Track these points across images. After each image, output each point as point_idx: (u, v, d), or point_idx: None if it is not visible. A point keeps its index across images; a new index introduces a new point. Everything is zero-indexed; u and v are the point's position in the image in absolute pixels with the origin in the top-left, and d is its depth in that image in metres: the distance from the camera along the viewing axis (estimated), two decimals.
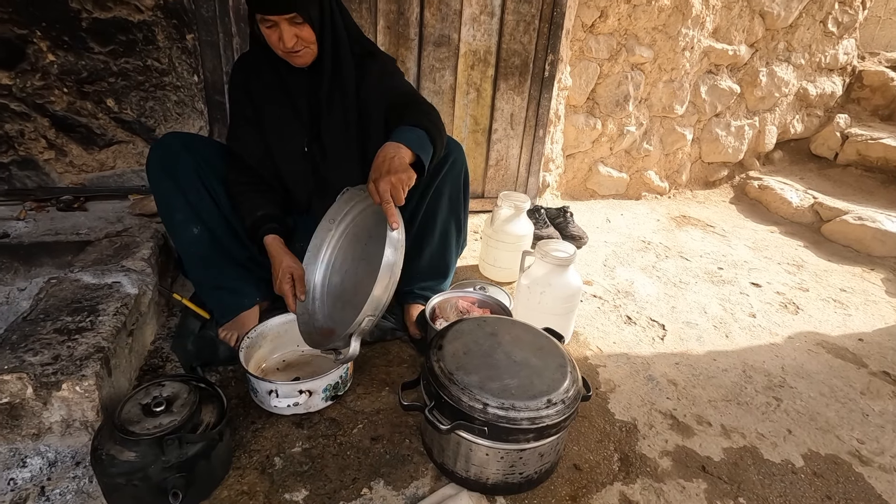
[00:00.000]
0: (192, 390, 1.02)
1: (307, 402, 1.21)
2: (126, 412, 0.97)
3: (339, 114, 1.37)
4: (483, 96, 2.29)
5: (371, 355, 1.47)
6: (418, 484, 1.10)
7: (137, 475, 0.91)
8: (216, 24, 1.78)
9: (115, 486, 0.92)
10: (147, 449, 0.92)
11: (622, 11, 2.45)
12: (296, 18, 1.18)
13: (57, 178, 1.88)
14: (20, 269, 1.60)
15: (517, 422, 0.97)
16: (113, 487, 0.93)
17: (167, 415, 0.96)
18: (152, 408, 0.97)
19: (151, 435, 0.92)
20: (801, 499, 1.15)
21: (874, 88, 3.23)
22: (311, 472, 1.11)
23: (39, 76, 1.73)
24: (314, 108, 1.36)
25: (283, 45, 1.21)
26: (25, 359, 1.06)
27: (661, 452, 1.24)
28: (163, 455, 0.93)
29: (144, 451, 0.92)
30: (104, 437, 0.95)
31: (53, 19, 1.67)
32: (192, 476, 0.95)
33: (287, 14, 1.16)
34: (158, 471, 0.92)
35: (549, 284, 1.48)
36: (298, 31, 1.20)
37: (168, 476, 0.93)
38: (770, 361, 1.64)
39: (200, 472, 0.98)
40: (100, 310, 1.24)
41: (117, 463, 0.91)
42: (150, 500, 0.94)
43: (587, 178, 2.88)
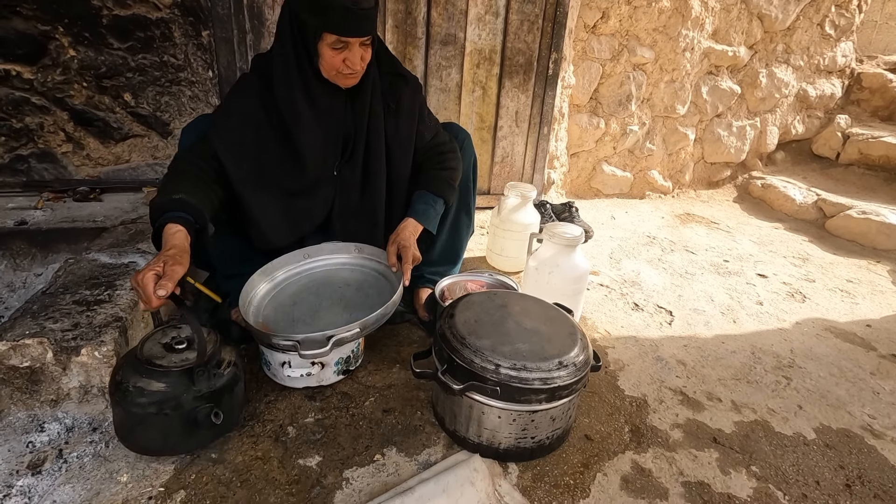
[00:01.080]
0: (211, 331, 1.08)
1: (319, 373, 1.22)
2: (148, 349, 1.00)
3: (374, 137, 1.34)
4: (488, 94, 2.34)
5: (381, 336, 1.49)
6: (430, 451, 1.10)
7: (169, 404, 0.95)
8: (231, 21, 1.85)
9: (143, 418, 0.95)
10: (177, 380, 0.96)
11: (623, 13, 2.52)
12: (366, 41, 1.18)
13: (74, 170, 1.93)
14: (37, 255, 1.63)
15: (529, 382, 0.99)
16: (141, 419, 0.95)
17: (191, 351, 1.01)
18: (174, 345, 1.01)
19: (181, 367, 0.97)
20: (813, 468, 1.15)
21: (873, 90, 3.28)
22: (324, 440, 1.11)
23: (60, 71, 1.79)
24: (349, 129, 1.31)
25: (349, 67, 1.18)
26: (46, 326, 1.08)
27: (672, 425, 1.25)
28: (193, 385, 0.97)
29: (174, 381, 0.96)
30: (127, 371, 0.97)
31: (75, 16, 1.73)
32: (218, 409, 0.99)
33: (365, 37, 1.16)
34: (190, 399, 0.97)
35: (556, 265, 1.50)
36: (364, 53, 1.19)
37: (198, 405, 0.97)
38: (778, 345, 1.64)
39: (225, 405, 1.02)
40: (117, 285, 1.27)
41: (147, 393, 0.94)
42: (177, 431, 0.98)
43: (591, 177, 2.92)
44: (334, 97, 1.26)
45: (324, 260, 1.45)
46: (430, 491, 0.95)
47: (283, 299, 1.35)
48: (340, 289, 1.39)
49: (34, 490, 0.94)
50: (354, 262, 1.46)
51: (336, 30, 1.13)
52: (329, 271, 1.44)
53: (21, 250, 1.61)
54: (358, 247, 1.45)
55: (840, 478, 1.13)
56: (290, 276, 1.41)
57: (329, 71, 1.20)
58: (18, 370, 1.03)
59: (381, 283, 1.39)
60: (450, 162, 1.43)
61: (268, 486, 1.00)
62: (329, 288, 1.39)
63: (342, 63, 1.18)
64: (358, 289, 1.39)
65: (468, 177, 1.56)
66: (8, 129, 1.81)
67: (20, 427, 1.05)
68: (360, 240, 1.44)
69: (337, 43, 1.15)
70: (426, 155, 1.44)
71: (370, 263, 1.45)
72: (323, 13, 1.12)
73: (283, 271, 1.40)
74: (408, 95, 1.38)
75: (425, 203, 1.38)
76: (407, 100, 1.37)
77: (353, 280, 1.42)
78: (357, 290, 1.38)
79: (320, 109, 1.25)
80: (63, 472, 0.98)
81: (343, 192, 1.37)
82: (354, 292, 1.37)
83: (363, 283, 1.40)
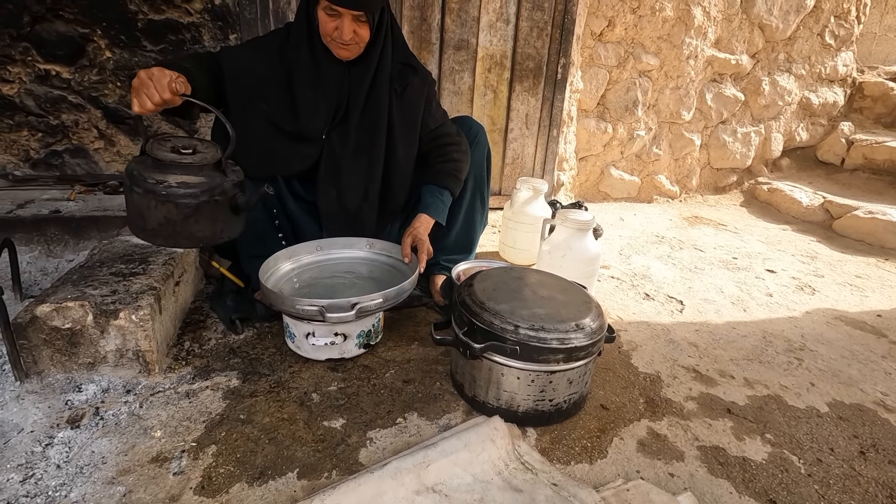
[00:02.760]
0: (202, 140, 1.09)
1: (342, 345, 1.26)
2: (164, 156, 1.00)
3: (371, 113, 1.41)
4: (499, 97, 2.43)
5: (399, 318, 1.53)
6: (450, 416, 1.14)
7: (216, 191, 1.02)
8: (257, 25, 1.95)
9: (197, 207, 1.01)
10: (212, 171, 1.03)
11: (628, 21, 2.62)
12: (360, 17, 1.24)
13: (104, 166, 2.02)
14: (70, 242, 1.71)
15: (547, 342, 1.02)
16: (192, 210, 1.01)
17: (201, 154, 1.04)
18: (181, 150, 1.03)
19: (208, 163, 1.02)
20: (827, 437, 1.17)
21: (875, 98, 3.35)
22: (347, 405, 1.15)
23: (96, 71, 1.89)
24: (342, 99, 1.38)
25: (339, 36, 1.25)
26: (86, 291, 1.14)
27: (686, 398, 1.27)
28: (226, 175, 1.05)
29: (210, 174, 1.03)
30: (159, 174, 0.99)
31: (113, 20, 1.84)
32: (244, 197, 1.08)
33: (355, 10, 1.22)
34: (231, 186, 1.05)
35: (569, 248, 1.55)
36: (358, 28, 1.26)
37: (236, 192, 1.06)
38: (789, 330, 1.67)
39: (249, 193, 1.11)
40: (150, 260, 1.33)
41: (194, 184, 1.00)
42: (222, 219, 1.06)
43: (599, 181, 2.98)
44: (334, 65, 1.35)
45: (336, 253, 1.52)
46: (453, 445, 0.98)
47: (302, 280, 1.42)
48: (355, 277, 1.46)
49: (74, 441, 0.98)
50: (367, 256, 1.53)
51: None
52: (342, 263, 1.51)
53: (55, 236, 1.68)
54: (370, 242, 1.53)
55: (854, 446, 1.15)
56: (307, 263, 1.48)
57: (324, 37, 1.29)
58: (60, 331, 1.09)
59: (393, 273, 1.46)
60: (453, 154, 1.49)
61: (295, 443, 1.03)
62: (344, 277, 1.46)
63: (333, 30, 1.26)
64: (370, 278, 1.46)
65: (482, 167, 1.62)
66: (45, 126, 1.91)
67: (59, 388, 1.10)
68: (348, 211, 1.49)
69: (329, 9, 1.23)
70: (431, 146, 1.51)
71: (381, 258, 1.52)
72: None
73: (300, 257, 1.47)
74: (416, 85, 1.45)
75: (433, 196, 1.46)
76: (414, 89, 1.45)
77: (366, 272, 1.49)
78: (369, 279, 1.46)
79: (319, 71, 1.34)
80: (100, 427, 1.02)
81: (330, 157, 1.42)
82: (367, 280, 1.45)
83: (376, 274, 1.48)
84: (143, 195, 1.00)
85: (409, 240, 1.40)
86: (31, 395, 1.08)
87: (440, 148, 1.51)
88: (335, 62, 1.35)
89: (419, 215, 1.44)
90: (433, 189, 1.47)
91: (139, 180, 1.00)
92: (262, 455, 1.00)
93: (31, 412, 1.04)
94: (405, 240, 1.40)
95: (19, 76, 1.84)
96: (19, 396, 1.07)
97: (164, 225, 1.01)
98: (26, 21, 1.78)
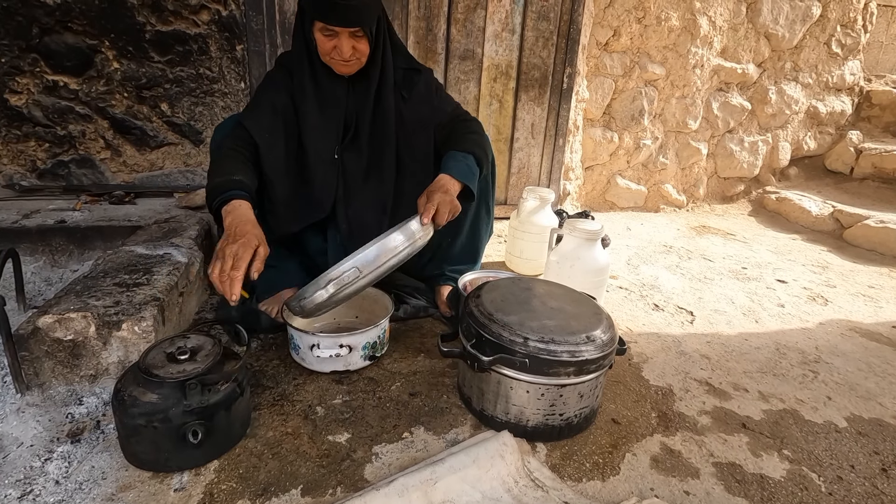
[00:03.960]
0: (216, 343, 1.03)
1: (347, 357, 1.24)
2: (151, 358, 0.97)
3: (380, 126, 1.39)
4: (505, 107, 2.43)
5: (405, 329, 1.51)
6: (458, 431, 1.11)
7: (158, 416, 0.91)
8: (264, 36, 1.96)
9: (134, 429, 0.92)
10: (170, 391, 0.92)
11: (634, 31, 2.62)
12: (357, 32, 1.23)
13: (110, 176, 2.02)
14: (74, 252, 1.70)
15: (557, 354, 1.00)
16: (132, 430, 0.92)
17: (191, 362, 0.97)
18: (177, 356, 0.97)
19: (175, 378, 0.93)
20: (847, 453, 1.13)
21: (883, 107, 3.32)
22: (352, 419, 1.13)
23: (104, 82, 1.90)
24: (349, 116, 1.38)
25: (339, 55, 1.25)
26: (89, 302, 1.13)
27: (700, 412, 1.24)
28: (185, 399, 0.92)
29: (167, 393, 0.92)
30: (128, 380, 0.95)
31: (121, 31, 1.86)
32: (211, 425, 0.94)
33: (351, 28, 1.22)
34: (179, 414, 0.92)
35: (578, 258, 1.52)
36: (356, 44, 1.25)
37: (188, 421, 0.92)
38: (803, 342, 1.63)
39: (220, 423, 0.96)
40: (154, 271, 1.32)
41: (139, 404, 0.91)
42: (167, 447, 0.93)
43: (606, 190, 2.96)
44: (336, 83, 1.34)
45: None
46: (461, 461, 0.96)
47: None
48: None
49: (73, 456, 0.96)
50: None
51: (322, 18, 1.20)
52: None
53: (60, 246, 1.68)
54: None
55: (875, 462, 1.11)
56: None
57: (323, 56, 1.28)
58: (62, 343, 1.07)
59: None
60: (473, 126, 1.43)
61: (299, 459, 1.01)
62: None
63: (332, 49, 1.25)
64: None
65: (487, 175, 1.60)
66: (52, 136, 1.92)
67: (60, 400, 1.09)
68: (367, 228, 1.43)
69: (325, 30, 1.23)
70: (449, 126, 1.44)
71: None
72: (313, 1, 1.21)
73: None
74: (421, 83, 1.43)
75: (455, 160, 1.32)
76: (420, 87, 1.43)
77: None
78: None
79: (322, 91, 1.33)
80: (101, 441, 1.00)
81: (346, 177, 1.41)
82: None
83: None
84: (112, 394, 0.96)
85: (424, 197, 1.25)
86: (32, 408, 1.06)
87: (460, 123, 1.44)
88: (337, 79, 1.34)
89: (439, 176, 1.30)
90: (456, 154, 1.34)
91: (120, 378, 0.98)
92: (266, 471, 0.97)
93: (31, 425, 1.02)
94: (420, 199, 1.25)
95: (27, 87, 1.85)
96: (20, 409, 1.05)
97: (118, 434, 0.97)
98: (35, 33, 1.79)
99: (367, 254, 1.13)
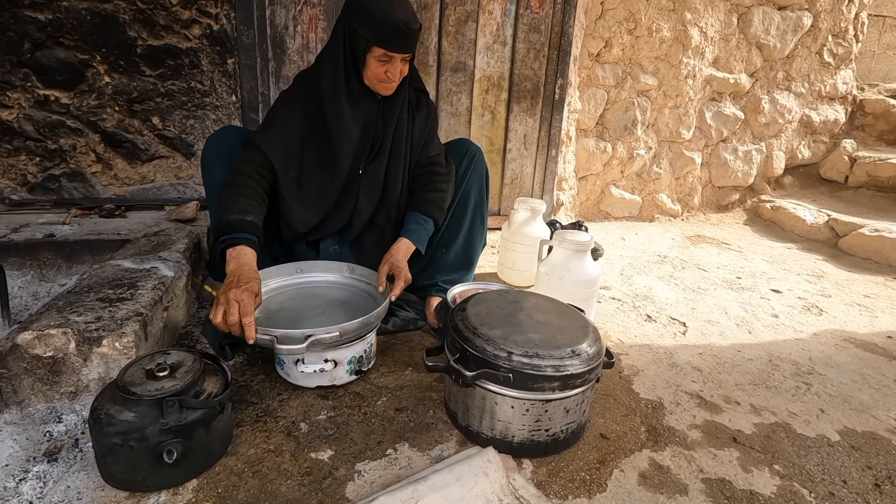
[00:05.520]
0: (196, 360, 1.01)
1: (332, 372, 1.23)
2: (129, 375, 0.95)
3: (397, 142, 1.47)
4: (497, 118, 2.43)
5: (394, 342, 1.50)
6: (443, 447, 1.09)
7: (134, 435, 0.88)
8: (255, 49, 1.97)
9: (110, 448, 0.89)
10: (146, 410, 0.90)
11: (625, 42, 2.63)
12: (407, 57, 1.34)
13: (101, 189, 2.02)
14: (62, 266, 1.69)
15: (541, 368, 0.99)
16: (108, 449, 0.89)
17: (170, 379, 0.95)
18: (156, 372, 0.95)
19: (152, 396, 0.90)
20: (839, 468, 1.11)
21: (877, 115, 3.33)
22: (336, 435, 1.11)
23: (95, 96, 1.91)
24: (377, 133, 1.44)
25: (390, 77, 1.33)
26: (70, 318, 1.12)
27: (690, 426, 1.22)
28: (162, 417, 0.90)
29: (143, 411, 0.90)
30: (106, 398, 0.93)
31: (113, 46, 1.87)
32: (189, 444, 0.92)
33: (408, 54, 1.32)
34: (156, 433, 0.89)
35: (567, 270, 1.51)
36: (403, 68, 1.35)
37: (165, 440, 0.90)
38: (796, 353, 1.62)
39: (198, 441, 0.94)
40: (139, 286, 1.31)
41: (115, 422, 0.89)
42: (144, 467, 0.90)
43: (600, 200, 2.96)
44: (371, 102, 1.40)
45: (315, 276, 1.49)
46: (444, 479, 0.94)
47: (270, 305, 1.37)
48: (326, 303, 1.41)
49: (49, 475, 0.94)
50: (345, 282, 1.50)
51: (385, 45, 1.27)
52: (318, 287, 1.47)
53: (48, 261, 1.67)
54: (350, 267, 1.49)
55: (868, 478, 1.09)
56: (279, 287, 1.44)
57: (371, 79, 1.34)
58: (41, 360, 1.06)
59: (368, 303, 1.40)
60: (441, 184, 1.50)
61: (279, 477, 0.99)
62: (315, 301, 1.41)
63: (384, 74, 1.33)
64: (343, 303, 1.41)
65: (481, 186, 1.61)
66: (43, 150, 1.92)
67: (39, 418, 1.07)
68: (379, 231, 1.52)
69: (384, 56, 1.29)
70: (421, 171, 1.52)
71: (360, 284, 1.48)
72: (376, 29, 1.26)
73: (275, 281, 1.44)
74: (424, 111, 1.51)
75: (417, 223, 1.46)
76: (423, 114, 1.51)
77: (340, 297, 1.44)
78: (342, 305, 1.40)
79: (358, 110, 1.38)
80: (78, 460, 0.99)
81: (367, 189, 1.47)
82: (339, 307, 1.39)
83: (350, 301, 1.42)
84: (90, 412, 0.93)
85: (387, 267, 1.37)
86: (10, 427, 1.04)
87: (430, 175, 1.51)
88: (371, 98, 1.40)
89: (400, 240, 1.43)
90: (418, 217, 1.47)
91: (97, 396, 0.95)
92: (245, 490, 0.95)
93: (7, 444, 1.00)
94: (382, 267, 1.38)
95: (18, 102, 1.86)
96: None
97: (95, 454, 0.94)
98: (27, 48, 1.80)
99: (349, 324, 1.16)
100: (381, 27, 1.25)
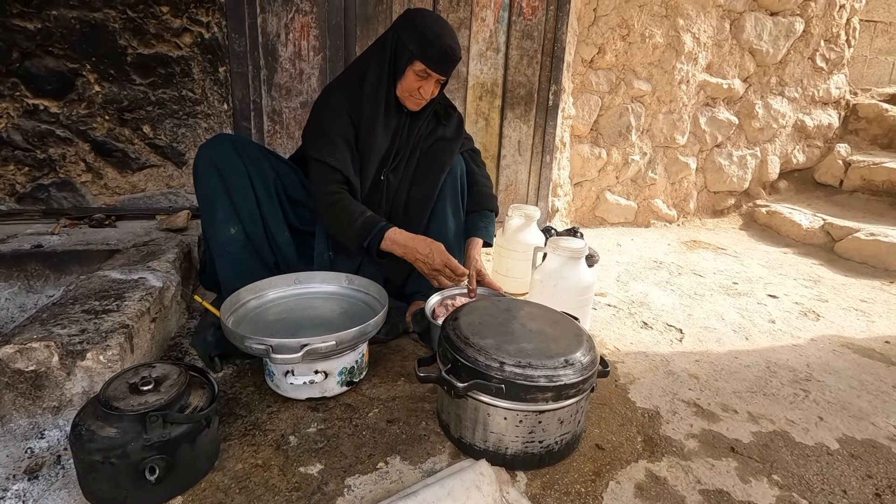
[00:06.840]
0: (181, 373, 0.98)
1: (322, 383, 1.21)
2: (112, 389, 0.92)
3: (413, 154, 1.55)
4: (491, 125, 2.42)
5: (386, 352, 1.48)
6: (435, 460, 1.07)
7: (116, 452, 0.85)
8: (247, 57, 1.96)
9: (91, 465, 0.86)
10: (129, 425, 0.87)
11: (619, 48, 2.63)
12: (441, 79, 1.42)
13: (91, 199, 2.00)
14: (50, 277, 1.67)
15: (534, 379, 0.97)
16: (89, 466, 0.86)
17: (154, 393, 0.92)
18: (139, 386, 0.93)
19: (135, 411, 0.88)
20: (839, 477, 1.09)
21: (870, 119, 3.34)
22: (326, 448, 1.09)
23: (85, 105, 1.89)
24: (402, 144, 1.53)
25: (422, 93, 1.41)
26: (53, 331, 1.09)
27: (687, 435, 1.20)
28: (145, 433, 0.87)
29: (126, 427, 0.87)
30: (87, 413, 0.91)
31: (103, 54, 1.86)
32: (173, 461, 0.90)
33: (442, 77, 1.41)
34: (138, 449, 0.86)
35: (562, 277, 1.50)
36: (435, 89, 1.44)
37: (148, 456, 0.87)
38: (794, 359, 1.60)
39: (183, 457, 0.91)
40: (126, 297, 1.29)
41: (96, 438, 0.86)
42: (126, 484, 0.87)
43: (595, 206, 2.95)
44: (399, 115, 1.49)
45: (314, 287, 1.47)
46: (435, 494, 0.92)
47: (267, 316, 1.36)
48: (324, 314, 1.39)
49: (29, 494, 0.92)
50: (343, 293, 1.48)
51: (427, 62, 1.35)
52: (317, 298, 1.45)
53: (35, 272, 1.65)
54: (349, 278, 1.48)
55: (868, 487, 1.07)
56: (277, 298, 1.42)
57: (403, 91, 1.42)
58: (23, 374, 1.04)
59: (365, 313, 1.39)
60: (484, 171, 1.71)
61: (267, 493, 0.96)
62: (313, 312, 1.40)
63: (417, 90, 1.40)
64: (341, 314, 1.39)
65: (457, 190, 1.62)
66: (32, 160, 1.90)
67: (21, 434, 1.04)
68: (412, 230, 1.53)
69: (423, 72, 1.37)
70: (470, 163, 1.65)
71: (359, 294, 1.46)
72: (425, 46, 1.34)
73: (273, 292, 1.42)
74: (455, 117, 1.61)
75: (483, 219, 1.63)
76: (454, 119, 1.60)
77: (338, 308, 1.42)
78: (340, 316, 1.39)
79: (389, 121, 1.47)
80: (60, 477, 0.96)
81: (389, 196, 1.55)
82: (337, 317, 1.38)
83: (347, 312, 1.41)
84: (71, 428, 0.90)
85: (474, 272, 1.52)
86: None
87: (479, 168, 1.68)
88: (400, 112, 1.49)
89: (475, 241, 1.60)
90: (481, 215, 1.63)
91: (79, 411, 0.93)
92: None
93: None
94: (471, 272, 1.50)
95: (7, 111, 1.84)
96: None
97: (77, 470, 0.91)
98: (15, 57, 1.79)
99: (346, 333, 1.15)
100: (430, 46, 1.33)
